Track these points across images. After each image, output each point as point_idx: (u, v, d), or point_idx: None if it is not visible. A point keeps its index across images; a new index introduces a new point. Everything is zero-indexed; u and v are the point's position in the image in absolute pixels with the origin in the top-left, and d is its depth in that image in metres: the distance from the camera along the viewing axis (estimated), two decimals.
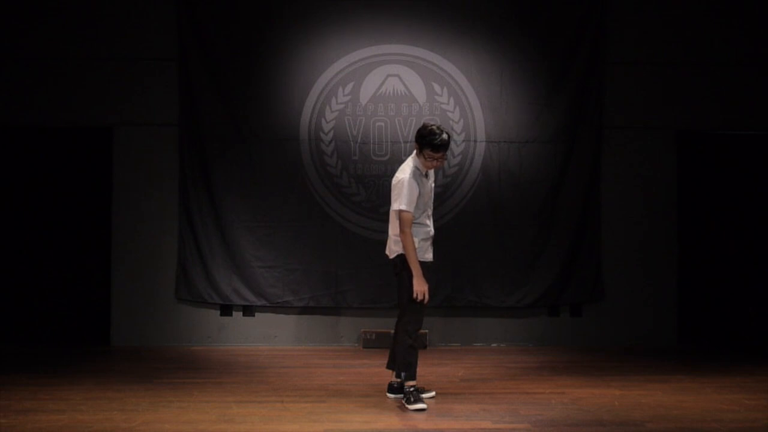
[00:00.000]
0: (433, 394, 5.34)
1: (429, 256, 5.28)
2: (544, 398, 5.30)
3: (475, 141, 7.49)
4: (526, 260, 7.49)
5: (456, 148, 7.44)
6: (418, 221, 5.14)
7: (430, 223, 5.27)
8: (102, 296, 7.47)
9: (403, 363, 5.12)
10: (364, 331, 7.38)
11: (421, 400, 5.03)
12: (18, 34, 7.37)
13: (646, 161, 7.63)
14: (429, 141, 5.04)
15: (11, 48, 7.37)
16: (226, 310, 7.45)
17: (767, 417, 4.84)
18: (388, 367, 5.42)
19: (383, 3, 7.49)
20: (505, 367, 6.48)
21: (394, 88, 7.44)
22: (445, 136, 5.06)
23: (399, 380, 5.20)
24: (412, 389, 5.08)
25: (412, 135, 7.32)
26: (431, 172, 5.29)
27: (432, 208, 5.34)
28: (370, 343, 7.32)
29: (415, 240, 5.09)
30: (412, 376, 5.13)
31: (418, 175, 5.12)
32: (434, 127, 5.09)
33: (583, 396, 5.35)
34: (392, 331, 7.27)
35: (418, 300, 5.03)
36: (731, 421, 4.70)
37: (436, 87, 7.49)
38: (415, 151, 5.20)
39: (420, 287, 5.02)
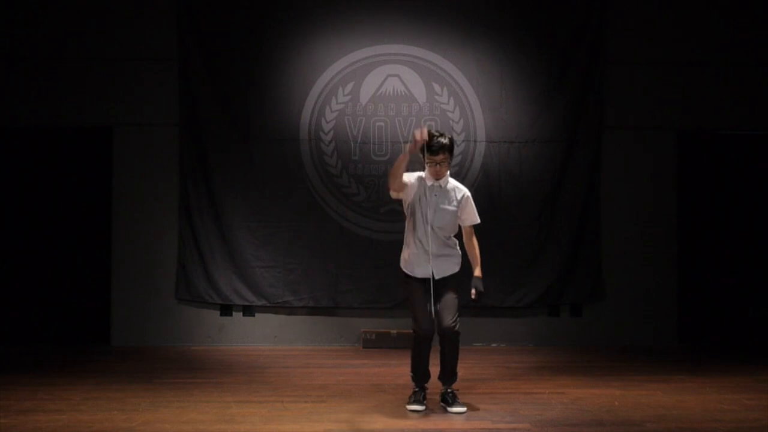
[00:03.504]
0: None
1: (419, 271, 4.98)
2: (544, 398, 5.29)
3: (475, 141, 7.50)
4: (526, 260, 7.49)
5: (456, 148, 7.42)
6: (414, 234, 4.95)
7: (427, 240, 4.91)
8: (102, 296, 7.47)
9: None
10: (364, 331, 7.38)
11: (412, 402, 5.00)
12: (18, 34, 7.37)
13: (646, 161, 7.64)
14: (426, 145, 4.83)
15: (11, 48, 7.37)
16: (226, 310, 7.45)
17: (767, 417, 4.84)
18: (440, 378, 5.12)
19: (383, 3, 7.49)
20: (505, 367, 6.47)
21: (394, 88, 7.44)
22: (443, 140, 4.84)
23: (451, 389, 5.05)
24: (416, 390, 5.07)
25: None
26: (444, 190, 4.96)
27: (432, 226, 4.92)
28: (370, 343, 7.32)
29: (405, 252, 5.02)
30: (412, 378, 5.11)
31: (421, 179, 4.97)
32: (433, 133, 4.87)
33: (583, 396, 5.35)
34: (393, 332, 7.33)
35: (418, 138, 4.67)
36: (731, 421, 4.70)
37: (436, 87, 7.49)
38: None
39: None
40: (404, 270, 5.05)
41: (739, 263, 7.95)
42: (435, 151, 4.84)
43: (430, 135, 4.85)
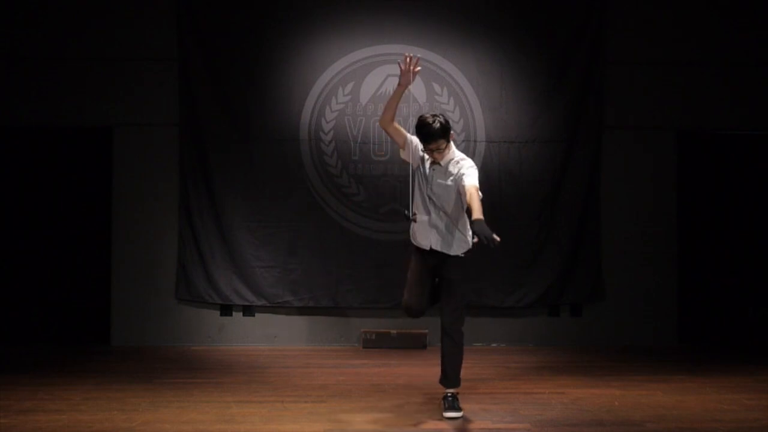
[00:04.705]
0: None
1: (421, 241, 4.90)
2: (544, 398, 5.29)
3: (475, 141, 7.49)
4: (526, 260, 7.49)
5: (456, 148, 7.41)
6: (417, 205, 4.90)
7: (428, 211, 4.86)
8: (102, 296, 7.46)
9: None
10: (364, 331, 7.38)
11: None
12: (18, 34, 7.37)
13: (646, 161, 7.64)
14: (419, 132, 4.77)
15: (11, 48, 7.37)
16: (226, 310, 7.45)
17: (767, 417, 4.84)
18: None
19: (383, 3, 7.49)
20: (505, 367, 6.47)
21: (394, 88, 7.37)
22: (436, 125, 4.68)
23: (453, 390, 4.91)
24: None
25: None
26: (443, 167, 4.83)
27: (431, 198, 4.83)
28: (370, 343, 7.32)
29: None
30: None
31: (425, 160, 4.87)
32: (427, 118, 4.75)
33: (583, 396, 5.35)
34: (393, 332, 7.33)
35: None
36: (731, 421, 4.70)
37: (436, 87, 7.49)
38: None
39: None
40: (411, 240, 4.98)
41: (739, 263, 7.95)
42: (427, 139, 4.72)
43: (423, 123, 4.74)
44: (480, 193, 4.66)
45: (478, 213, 4.49)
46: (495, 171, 7.48)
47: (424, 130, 4.73)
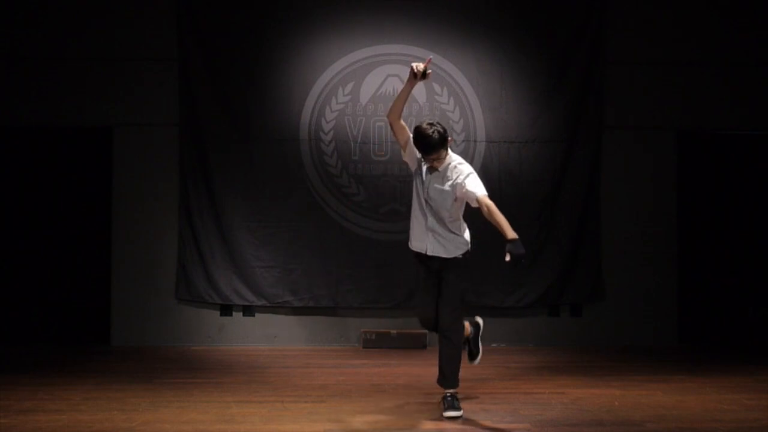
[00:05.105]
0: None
1: (417, 244, 4.92)
2: (544, 398, 5.29)
3: (475, 141, 7.50)
4: (526, 260, 7.46)
5: (456, 148, 7.43)
6: (414, 206, 4.93)
7: (424, 213, 4.87)
8: (102, 296, 7.46)
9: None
10: (364, 331, 7.38)
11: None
12: (18, 34, 7.37)
13: (646, 161, 7.64)
14: (418, 144, 4.69)
15: (11, 48, 7.37)
16: (226, 310, 7.45)
17: (767, 417, 4.84)
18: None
19: (383, 3, 7.49)
20: (505, 367, 6.47)
21: (394, 88, 7.43)
22: (435, 136, 4.59)
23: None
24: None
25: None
26: (441, 172, 4.81)
27: (432, 209, 4.85)
28: (370, 343, 7.32)
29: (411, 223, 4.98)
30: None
31: (421, 163, 4.84)
32: (424, 128, 4.62)
33: (583, 396, 5.35)
34: (393, 332, 7.34)
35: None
36: (731, 421, 4.69)
37: (436, 87, 7.49)
38: None
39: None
40: (409, 245, 4.98)
41: (739, 263, 7.95)
42: (428, 151, 4.67)
43: (421, 134, 4.64)
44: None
45: (511, 231, 4.69)
46: (495, 171, 7.47)
47: (423, 142, 4.64)
